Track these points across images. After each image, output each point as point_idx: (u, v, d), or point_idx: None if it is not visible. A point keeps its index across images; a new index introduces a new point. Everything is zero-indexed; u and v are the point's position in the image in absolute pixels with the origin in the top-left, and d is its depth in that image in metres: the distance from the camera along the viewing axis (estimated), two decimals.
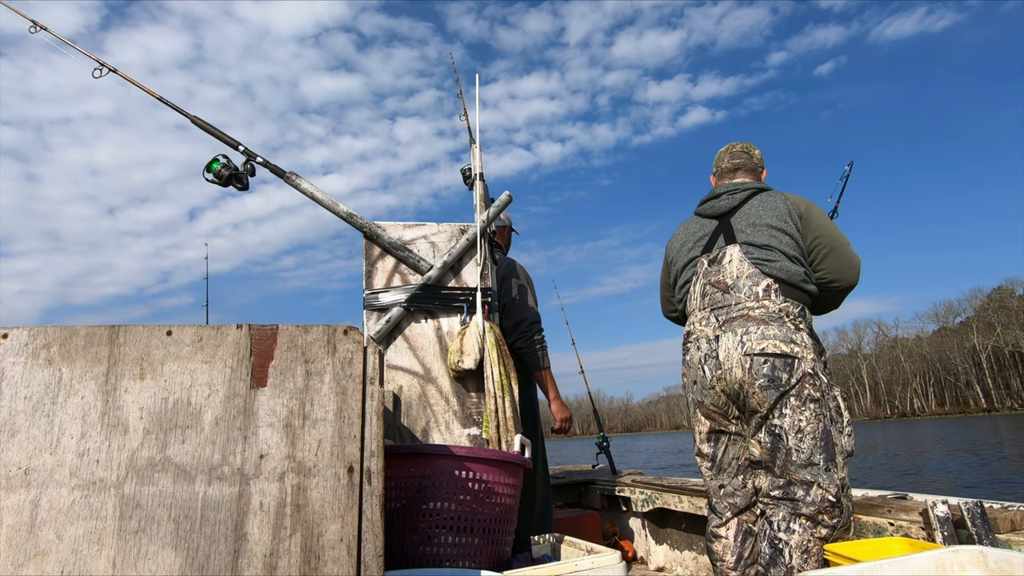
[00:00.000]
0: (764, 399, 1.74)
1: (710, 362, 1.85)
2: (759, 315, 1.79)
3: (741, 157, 2.16)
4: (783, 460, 1.72)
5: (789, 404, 1.72)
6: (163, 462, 1.03)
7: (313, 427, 1.08)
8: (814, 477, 1.68)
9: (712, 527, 1.92)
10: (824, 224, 1.94)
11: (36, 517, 0.97)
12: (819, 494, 1.67)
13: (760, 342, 1.75)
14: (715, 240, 1.99)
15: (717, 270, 1.92)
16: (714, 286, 1.91)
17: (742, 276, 1.86)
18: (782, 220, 1.91)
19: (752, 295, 1.82)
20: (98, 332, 1.07)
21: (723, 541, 1.88)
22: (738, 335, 1.79)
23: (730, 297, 1.86)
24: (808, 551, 1.66)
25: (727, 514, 1.88)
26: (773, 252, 1.86)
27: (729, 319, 1.83)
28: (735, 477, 1.89)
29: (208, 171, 2.28)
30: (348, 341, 1.13)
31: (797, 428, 1.70)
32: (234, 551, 1.00)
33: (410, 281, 2.39)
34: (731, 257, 1.90)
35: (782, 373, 1.72)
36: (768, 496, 1.76)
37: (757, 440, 1.79)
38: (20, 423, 1.00)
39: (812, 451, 1.69)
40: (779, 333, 1.75)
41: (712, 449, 1.91)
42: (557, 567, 1.45)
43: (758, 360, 1.74)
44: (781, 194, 1.99)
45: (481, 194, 2.55)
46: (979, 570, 1.26)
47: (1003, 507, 1.84)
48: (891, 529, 1.88)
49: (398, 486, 1.52)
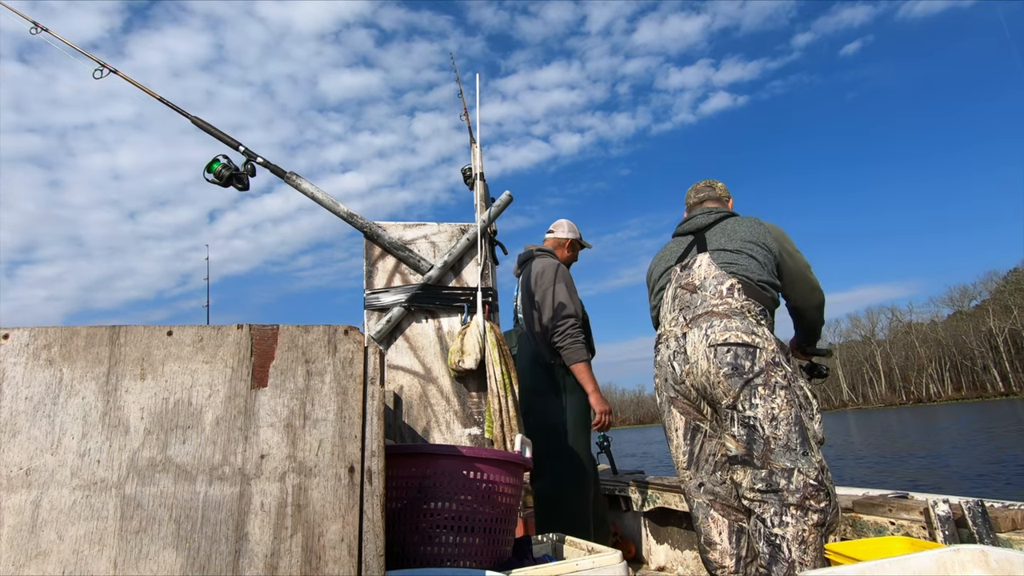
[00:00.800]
0: (729, 387, 1.77)
1: (678, 358, 1.91)
2: (722, 310, 1.86)
3: (705, 191, 2.32)
4: (762, 450, 1.73)
5: (758, 393, 1.75)
6: (164, 462, 1.03)
7: (314, 427, 1.08)
8: (793, 463, 1.70)
9: (704, 537, 1.89)
10: (794, 252, 2.07)
11: (37, 517, 0.97)
12: (801, 480, 1.69)
13: (723, 333, 1.81)
14: (689, 251, 2.11)
15: (687, 274, 2.02)
16: (684, 288, 2.01)
17: (708, 277, 1.95)
18: (756, 236, 2.01)
19: (716, 293, 1.91)
20: (99, 332, 1.07)
21: (719, 548, 1.85)
22: (703, 329, 1.85)
23: (696, 297, 1.95)
24: (804, 540, 1.66)
25: (713, 514, 1.88)
26: (742, 256, 1.96)
27: (695, 316, 1.91)
28: (713, 474, 1.89)
29: (208, 171, 2.28)
30: (349, 341, 1.13)
31: (771, 416, 1.73)
32: (235, 551, 1.00)
33: (411, 281, 2.39)
34: (700, 262, 2.01)
35: (744, 361, 1.77)
36: (752, 491, 1.76)
37: (732, 435, 1.80)
38: (21, 423, 1.00)
39: (788, 436, 1.71)
40: (740, 325, 1.82)
41: (689, 446, 1.93)
42: (558, 567, 1.45)
43: (721, 349, 1.79)
44: (756, 219, 2.11)
45: (481, 194, 2.55)
46: (980, 569, 1.26)
47: (1004, 506, 1.84)
48: (892, 528, 1.88)
49: (399, 486, 1.52)
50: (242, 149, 2.34)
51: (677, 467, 1.99)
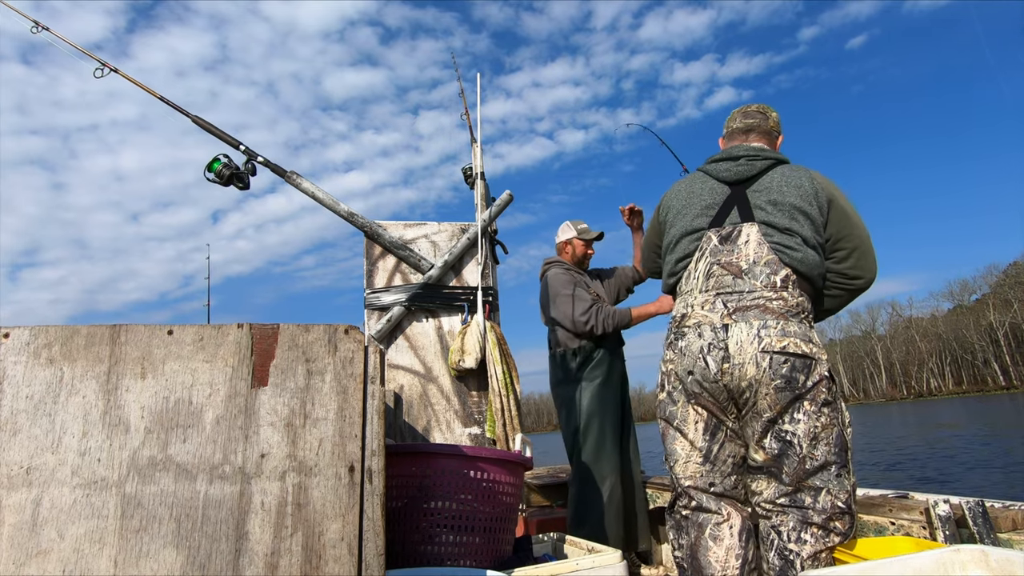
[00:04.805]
0: (777, 401, 1.58)
1: (715, 353, 1.64)
2: (777, 308, 1.62)
3: (756, 117, 1.92)
4: (794, 468, 1.58)
5: (803, 409, 1.58)
6: (164, 461, 1.03)
7: (314, 426, 1.08)
8: (824, 483, 1.57)
9: (711, 527, 1.67)
10: (853, 215, 1.76)
11: (38, 516, 0.97)
12: (828, 501, 1.56)
13: (781, 339, 1.59)
14: (727, 212, 1.76)
15: (730, 250, 1.71)
16: (724, 267, 1.70)
17: (759, 261, 1.67)
18: (807, 201, 1.71)
19: (770, 284, 1.65)
20: (99, 331, 1.07)
21: (726, 542, 1.64)
22: (754, 327, 1.61)
23: (743, 283, 1.66)
24: (818, 559, 1.56)
25: (725, 509, 1.68)
26: (795, 238, 1.68)
27: (742, 307, 1.64)
28: (728, 477, 1.69)
29: (209, 171, 2.28)
30: (349, 340, 1.14)
31: (812, 435, 1.57)
32: (235, 550, 1.00)
33: (411, 280, 2.39)
34: (748, 237, 1.70)
35: (800, 375, 1.58)
36: (773, 503, 1.62)
37: (761, 446, 1.62)
38: (22, 422, 1.00)
39: (826, 457, 1.57)
40: (798, 331, 1.61)
41: (707, 443, 1.70)
42: (558, 566, 1.45)
43: (777, 359, 1.57)
44: (807, 170, 1.78)
45: (482, 193, 2.55)
46: (981, 569, 1.26)
47: (1004, 506, 1.84)
48: (892, 528, 1.88)
49: (399, 485, 1.53)
50: (242, 148, 2.34)
51: (683, 462, 1.72)
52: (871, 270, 1.77)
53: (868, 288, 1.80)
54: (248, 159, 2.35)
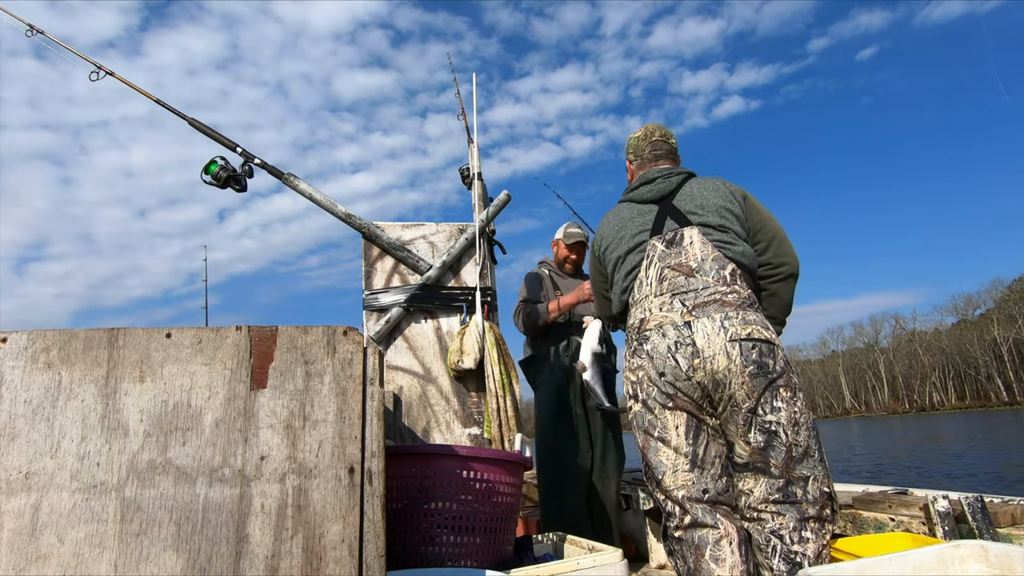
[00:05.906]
0: (753, 388, 1.60)
1: (683, 350, 1.65)
2: (733, 300, 1.68)
3: (663, 147, 2.06)
4: (782, 458, 1.58)
5: (780, 396, 1.60)
6: (164, 464, 1.03)
7: (314, 428, 1.08)
8: (811, 471, 1.60)
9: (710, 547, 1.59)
10: (764, 209, 1.89)
11: (37, 521, 0.97)
12: (816, 489, 1.59)
13: (744, 327, 1.63)
14: (662, 222, 1.85)
15: (677, 252, 1.77)
16: (675, 269, 1.75)
17: (707, 259, 1.74)
18: (728, 201, 1.84)
19: (721, 279, 1.71)
20: (97, 335, 1.06)
21: (728, 561, 1.57)
22: (717, 320, 1.65)
23: (696, 281, 1.72)
24: (821, 556, 1.56)
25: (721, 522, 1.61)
26: (729, 234, 1.78)
27: (700, 304, 1.69)
28: (718, 480, 1.65)
29: (206, 173, 2.28)
30: (348, 342, 1.13)
31: (794, 421, 1.60)
32: (236, 553, 1.00)
33: (409, 281, 2.39)
34: (691, 239, 1.77)
35: (768, 359, 1.61)
36: (767, 502, 1.60)
37: (746, 441, 1.62)
38: (20, 427, 1.00)
39: (808, 443, 1.61)
40: (757, 319, 1.66)
41: (692, 447, 1.66)
42: (559, 565, 1.45)
43: (746, 345, 1.60)
44: (716, 177, 1.93)
45: (480, 193, 2.55)
46: (980, 564, 1.26)
47: (1003, 501, 1.84)
48: (892, 524, 1.88)
49: (399, 486, 1.53)
50: (239, 150, 2.34)
51: (671, 472, 1.66)
52: (792, 255, 1.86)
53: (795, 276, 1.87)
54: (245, 161, 2.34)
